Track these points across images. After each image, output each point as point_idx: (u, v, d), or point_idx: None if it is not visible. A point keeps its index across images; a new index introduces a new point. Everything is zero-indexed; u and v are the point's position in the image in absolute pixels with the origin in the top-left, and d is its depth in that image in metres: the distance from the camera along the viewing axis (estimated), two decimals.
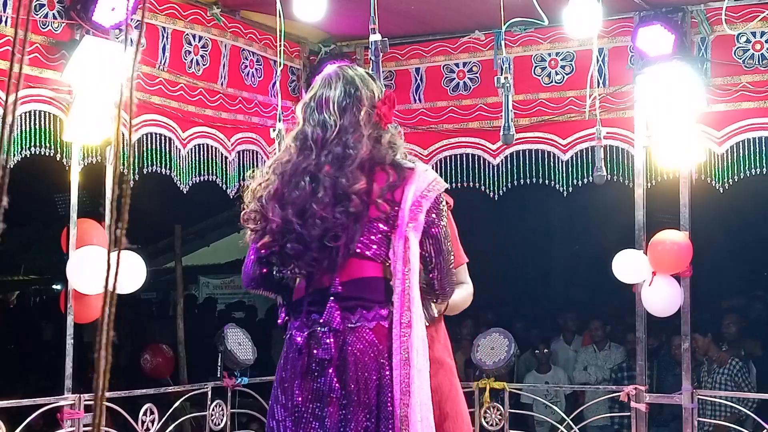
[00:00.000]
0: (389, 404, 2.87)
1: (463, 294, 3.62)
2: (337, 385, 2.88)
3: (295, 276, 3.00)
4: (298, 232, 2.90)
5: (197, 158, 6.00)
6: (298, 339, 2.95)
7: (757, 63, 5.91)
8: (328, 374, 2.89)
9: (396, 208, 2.91)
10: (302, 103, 3.08)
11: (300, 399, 2.93)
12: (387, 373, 2.89)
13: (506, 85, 4.34)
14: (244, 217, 3.04)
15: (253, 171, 3.17)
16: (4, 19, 4.84)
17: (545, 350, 8.79)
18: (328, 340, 2.90)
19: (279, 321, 3.10)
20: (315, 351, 2.91)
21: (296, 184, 2.93)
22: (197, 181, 6.01)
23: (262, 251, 3.00)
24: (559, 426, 6.63)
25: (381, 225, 2.92)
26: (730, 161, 5.96)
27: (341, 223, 2.86)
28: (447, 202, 3.84)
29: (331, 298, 2.91)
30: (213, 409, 6.27)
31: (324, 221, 2.86)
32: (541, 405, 7.79)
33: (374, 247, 2.92)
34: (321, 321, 2.91)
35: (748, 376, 7.93)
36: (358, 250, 2.90)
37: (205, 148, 6.06)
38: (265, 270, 3.04)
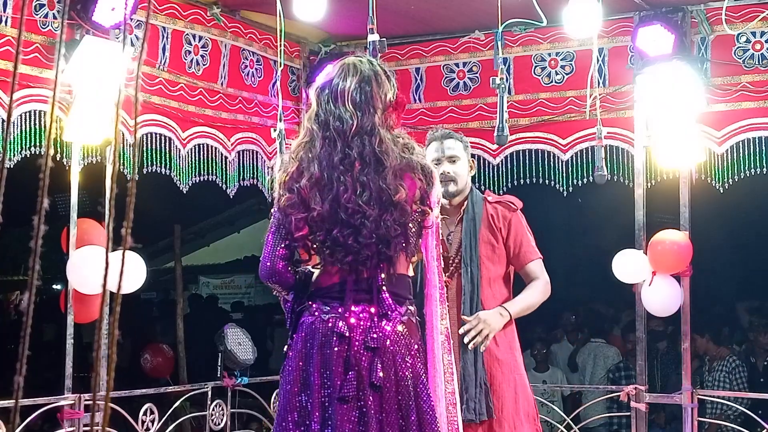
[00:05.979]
0: (424, 395, 3.01)
1: (536, 294, 4.63)
2: (380, 373, 2.96)
3: (335, 264, 3.04)
4: (347, 223, 2.96)
5: (197, 158, 6.00)
6: (319, 323, 3.02)
7: (757, 63, 5.91)
8: (372, 363, 2.96)
9: (428, 211, 3.09)
10: (316, 87, 3.10)
11: (337, 386, 2.95)
12: (419, 364, 3.04)
13: (501, 86, 4.33)
14: (287, 205, 3.01)
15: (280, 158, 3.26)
16: (4, 19, 4.84)
17: (543, 350, 8.82)
18: (374, 330, 2.99)
19: (286, 307, 3.15)
20: (357, 338, 2.99)
21: (335, 177, 2.98)
22: (197, 181, 6.01)
23: (300, 240, 3.04)
24: (559, 426, 6.63)
25: (414, 228, 3.06)
26: (730, 161, 5.97)
27: (393, 230, 2.97)
28: (512, 203, 4.15)
29: (381, 290, 3.02)
30: (213, 409, 6.27)
31: (376, 225, 2.96)
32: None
33: (408, 247, 3.07)
34: (362, 310, 3.02)
35: (743, 374, 7.93)
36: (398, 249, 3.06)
37: (205, 148, 6.06)
38: (281, 265, 3.06)
